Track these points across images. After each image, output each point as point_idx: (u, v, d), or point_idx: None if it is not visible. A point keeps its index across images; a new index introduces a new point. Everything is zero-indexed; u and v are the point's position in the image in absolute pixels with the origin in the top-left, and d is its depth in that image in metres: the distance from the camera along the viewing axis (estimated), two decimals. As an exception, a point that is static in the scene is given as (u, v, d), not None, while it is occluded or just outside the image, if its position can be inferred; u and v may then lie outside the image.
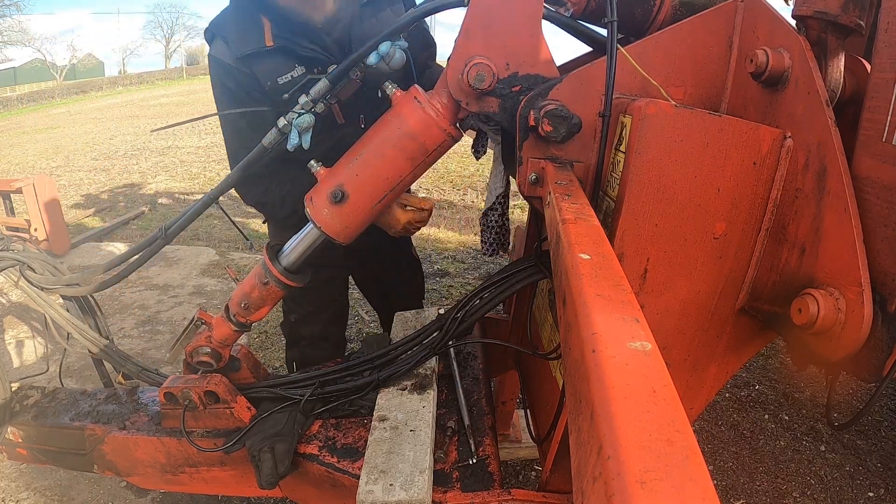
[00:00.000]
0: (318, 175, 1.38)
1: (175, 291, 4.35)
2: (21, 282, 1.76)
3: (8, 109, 24.62)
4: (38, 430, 1.70)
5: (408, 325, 1.82)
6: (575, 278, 0.64)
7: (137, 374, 1.77)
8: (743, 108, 1.15)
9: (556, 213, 0.86)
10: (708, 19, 1.15)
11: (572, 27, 1.30)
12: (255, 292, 1.46)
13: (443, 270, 4.57)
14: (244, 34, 1.50)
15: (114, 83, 33.29)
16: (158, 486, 1.74)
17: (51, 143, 12.48)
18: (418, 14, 1.30)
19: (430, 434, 1.34)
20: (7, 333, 3.57)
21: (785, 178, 1.04)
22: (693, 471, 0.36)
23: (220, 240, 5.43)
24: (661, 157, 0.99)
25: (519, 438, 2.50)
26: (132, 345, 3.55)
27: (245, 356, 1.60)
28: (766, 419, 2.81)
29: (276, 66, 1.52)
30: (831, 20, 0.99)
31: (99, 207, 6.86)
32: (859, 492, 2.36)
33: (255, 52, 1.49)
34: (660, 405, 0.43)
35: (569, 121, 1.09)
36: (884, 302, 0.88)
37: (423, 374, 1.55)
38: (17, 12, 38.98)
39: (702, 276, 1.09)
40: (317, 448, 1.43)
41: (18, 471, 2.44)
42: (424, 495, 1.17)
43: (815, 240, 0.97)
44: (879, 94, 0.90)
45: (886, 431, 2.71)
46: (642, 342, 0.51)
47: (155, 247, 1.64)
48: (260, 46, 1.49)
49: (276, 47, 1.49)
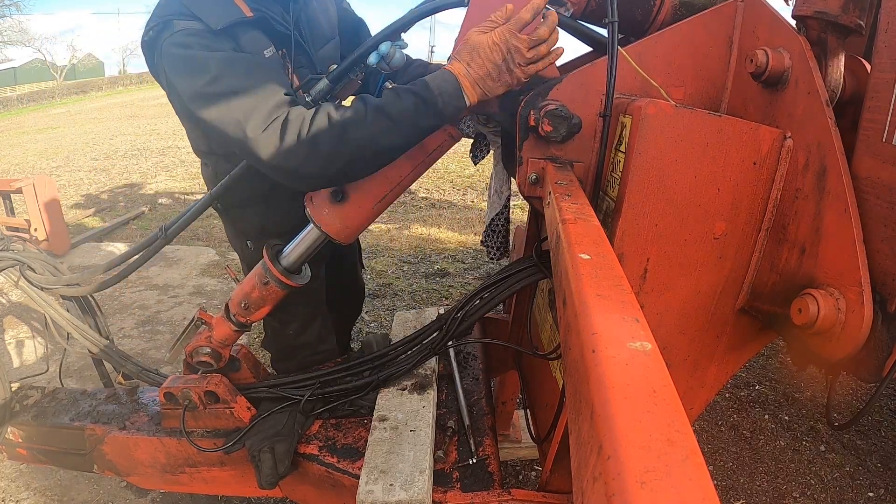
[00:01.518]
0: (319, 175, 1.37)
1: (175, 291, 4.35)
2: (21, 282, 1.76)
3: (8, 109, 24.61)
4: (38, 430, 1.70)
5: (408, 325, 1.82)
6: (575, 278, 0.64)
7: (137, 374, 1.77)
8: (743, 108, 1.15)
9: (556, 213, 0.86)
10: (708, 19, 1.15)
11: (572, 27, 1.30)
12: (256, 292, 1.46)
13: (443, 270, 4.56)
14: (215, 7, 1.32)
15: (114, 83, 33.28)
16: (158, 486, 1.74)
17: (51, 143, 12.47)
18: (418, 14, 1.30)
19: (430, 434, 1.34)
20: (7, 333, 3.57)
21: (785, 178, 1.04)
22: (693, 471, 0.36)
23: (220, 240, 5.42)
24: (661, 158, 0.99)
25: (519, 438, 2.50)
26: (132, 345, 3.55)
27: (245, 356, 1.60)
28: (766, 419, 2.81)
29: (260, 38, 1.39)
30: (831, 20, 0.99)
31: (99, 207, 6.85)
32: (859, 492, 2.36)
33: (238, 22, 1.33)
34: (660, 405, 0.43)
35: (569, 121, 1.09)
36: (884, 302, 0.88)
37: (423, 374, 1.55)
38: (17, 12, 38.98)
39: (702, 276, 1.09)
40: (317, 448, 1.43)
41: (18, 471, 2.44)
42: (424, 495, 1.17)
43: (815, 240, 0.97)
44: (879, 94, 0.90)
45: (886, 431, 2.71)
46: (642, 342, 0.51)
47: (155, 247, 1.64)
48: (240, 16, 1.34)
49: (255, 18, 1.38)
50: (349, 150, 1.19)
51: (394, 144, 1.22)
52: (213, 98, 1.24)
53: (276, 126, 1.19)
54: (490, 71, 1.15)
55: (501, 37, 1.13)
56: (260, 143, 1.21)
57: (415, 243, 5.21)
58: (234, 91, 1.23)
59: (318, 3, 1.62)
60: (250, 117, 1.21)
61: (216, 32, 1.30)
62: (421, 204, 6.56)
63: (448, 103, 1.18)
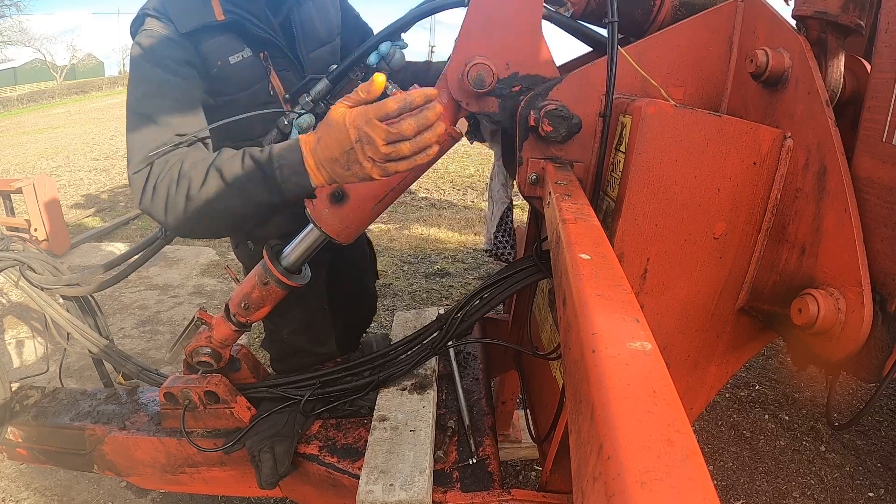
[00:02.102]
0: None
1: (175, 291, 4.35)
2: (21, 282, 1.76)
3: (8, 109, 24.62)
4: (38, 430, 1.70)
5: (408, 325, 1.82)
6: (575, 278, 0.64)
7: (137, 374, 1.77)
8: (743, 108, 1.15)
9: (556, 213, 0.86)
10: (708, 19, 1.15)
11: (572, 27, 1.30)
12: (256, 292, 1.46)
13: (443, 270, 4.56)
14: (187, 8, 1.32)
15: (114, 83, 33.27)
16: (158, 486, 1.75)
17: (51, 143, 12.47)
18: (418, 14, 1.30)
19: (430, 434, 1.34)
20: (7, 333, 3.57)
21: (785, 178, 1.04)
22: (693, 471, 0.36)
23: (221, 240, 5.42)
24: (661, 157, 0.99)
25: (519, 438, 2.50)
26: (132, 345, 3.55)
27: (245, 356, 1.60)
28: (766, 419, 2.81)
29: (228, 43, 1.37)
30: (831, 20, 0.99)
31: (99, 207, 6.86)
32: (859, 492, 2.36)
33: (204, 27, 1.32)
34: (660, 405, 0.43)
35: (569, 121, 1.09)
36: (884, 302, 0.88)
37: (423, 374, 1.55)
38: (17, 12, 38.99)
39: (702, 276, 1.09)
40: (317, 448, 1.43)
41: (18, 471, 2.44)
42: (424, 495, 1.17)
43: (815, 240, 0.97)
44: (879, 94, 0.90)
45: (886, 431, 2.71)
46: (642, 342, 0.51)
47: (155, 247, 1.64)
48: (209, 20, 1.33)
49: (227, 21, 1.34)
50: (196, 208, 1.13)
51: (232, 210, 1.10)
52: (132, 115, 1.26)
53: (143, 173, 1.19)
54: (337, 156, 0.98)
55: (355, 120, 0.95)
56: (133, 184, 1.21)
57: (415, 243, 5.21)
58: (148, 117, 1.24)
59: (315, 6, 1.60)
60: (134, 154, 1.21)
61: (181, 36, 1.30)
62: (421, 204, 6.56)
63: (288, 179, 1.04)
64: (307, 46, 1.55)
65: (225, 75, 1.38)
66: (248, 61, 1.41)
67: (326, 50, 1.61)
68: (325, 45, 1.61)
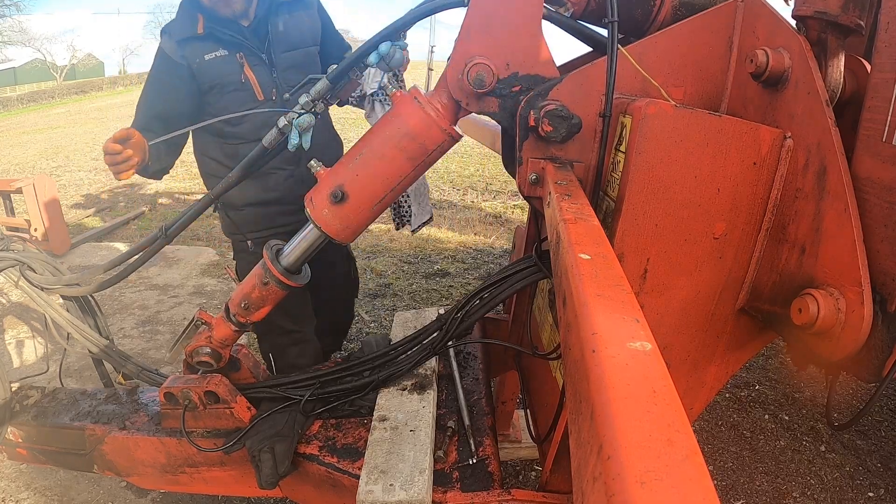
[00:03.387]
0: (318, 175, 1.38)
1: (175, 291, 4.35)
2: (21, 282, 1.76)
3: (8, 109, 24.63)
4: (38, 430, 1.70)
5: (408, 326, 1.82)
6: (575, 278, 0.64)
7: (137, 374, 1.77)
8: (743, 108, 1.15)
9: (556, 213, 0.86)
10: (708, 19, 1.15)
11: (572, 27, 1.30)
12: (256, 292, 1.46)
13: (443, 270, 4.57)
14: (182, 25, 1.94)
15: (114, 83, 33.30)
16: (158, 486, 1.74)
17: (51, 143, 12.47)
18: (418, 14, 1.30)
19: (430, 434, 1.34)
20: (7, 333, 3.57)
21: (785, 178, 1.04)
22: (693, 471, 0.36)
23: (220, 240, 5.41)
24: (662, 157, 0.99)
25: (519, 438, 2.50)
26: (132, 345, 3.55)
27: (245, 356, 1.60)
28: (766, 419, 2.81)
29: (206, 46, 1.93)
30: (831, 20, 0.99)
31: (99, 207, 6.86)
32: (859, 492, 2.36)
33: (189, 37, 1.92)
34: (660, 405, 0.43)
35: (569, 121, 1.09)
36: (884, 302, 0.88)
37: (423, 374, 1.55)
38: (17, 12, 39.00)
39: (702, 276, 1.09)
40: (317, 448, 1.43)
41: (18, 471, 2.44)
42: (424, 495, 1.17)
43: (815, 240, 0.97)
44: (879, 94, 0.90)
45: (886, 431, 2.71)
46: (642, 342, 0.51)
47: (155, 247, 1.64)
48: (193, 33, 1.91)
49: (205, 34, 1.91)
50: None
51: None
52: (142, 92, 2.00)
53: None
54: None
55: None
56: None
57: (415, 243, 5.21)
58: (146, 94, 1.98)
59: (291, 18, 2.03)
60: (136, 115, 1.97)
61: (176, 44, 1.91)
62: (421, 204, 6.54)
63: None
64: (278, 47, 2.00)
65: (203, 69, 1.93)
66: (221, 58, 1.93)
67: (299, 52, 2.05)
68: (297, 49, 2.05)
